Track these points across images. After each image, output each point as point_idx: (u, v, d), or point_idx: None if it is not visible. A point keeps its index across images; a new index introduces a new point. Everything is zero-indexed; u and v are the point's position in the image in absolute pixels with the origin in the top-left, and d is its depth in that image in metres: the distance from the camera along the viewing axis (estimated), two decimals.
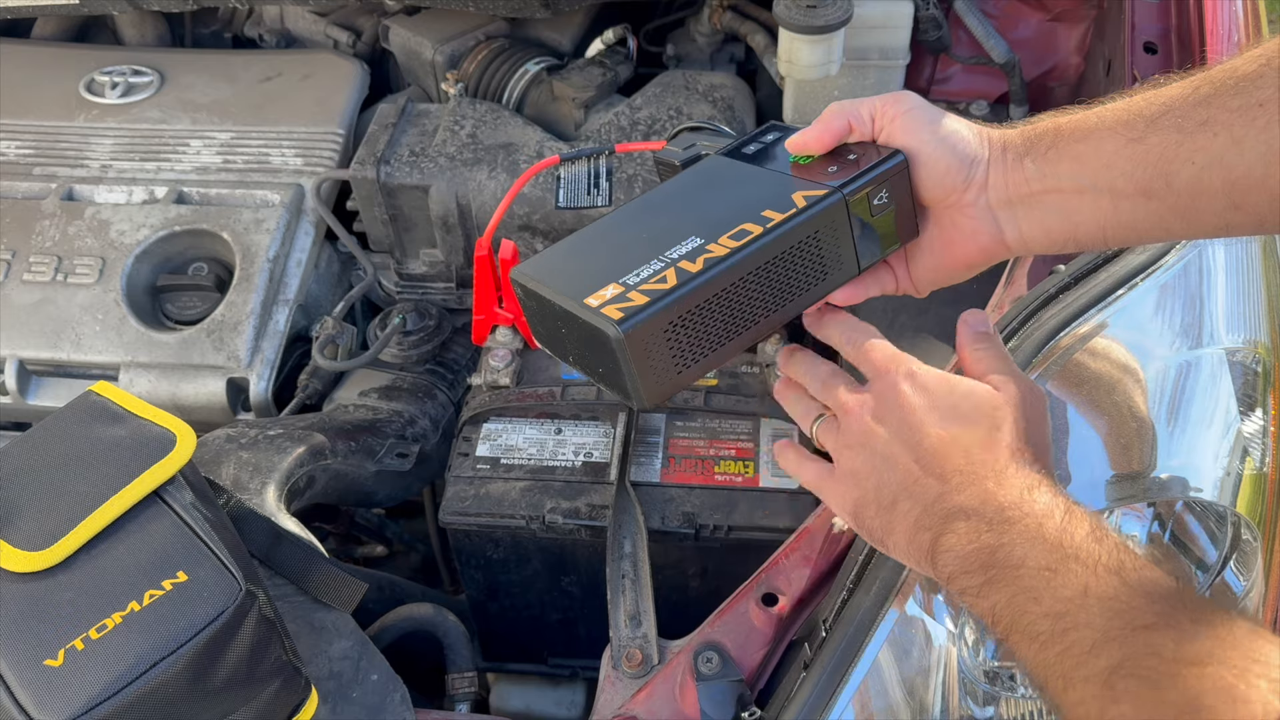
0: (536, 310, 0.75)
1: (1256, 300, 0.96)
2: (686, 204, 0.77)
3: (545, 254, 0.77)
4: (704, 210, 0.75)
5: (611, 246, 0.75)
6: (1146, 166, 0.65)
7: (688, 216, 0.75)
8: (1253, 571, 0.89)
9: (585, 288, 0.70)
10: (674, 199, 0.79)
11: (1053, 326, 0.89)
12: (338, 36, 1.64)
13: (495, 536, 1.11)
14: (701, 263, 0.69)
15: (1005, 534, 0.60)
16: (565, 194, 1.02)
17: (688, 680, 0.86)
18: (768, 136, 0.80)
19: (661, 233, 0.73)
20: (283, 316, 1.31)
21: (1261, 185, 0.61)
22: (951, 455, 0.66)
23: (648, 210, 0.78)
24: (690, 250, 0.71)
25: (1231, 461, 0.87)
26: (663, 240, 0.72)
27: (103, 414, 0.87)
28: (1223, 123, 0.61)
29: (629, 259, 0.72)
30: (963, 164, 0.70)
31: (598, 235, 0.77)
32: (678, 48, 1.61)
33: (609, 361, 0.68)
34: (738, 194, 0.76)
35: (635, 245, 0.73)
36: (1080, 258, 0.94)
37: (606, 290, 0.70)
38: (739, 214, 0.72)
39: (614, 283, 0.70)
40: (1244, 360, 0.91)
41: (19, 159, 1.45)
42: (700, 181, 0.79)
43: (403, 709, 0.89)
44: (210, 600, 0.76)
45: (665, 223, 0.75)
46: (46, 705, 0.70)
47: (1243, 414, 0.89)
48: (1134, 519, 0.90)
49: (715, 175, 0.79)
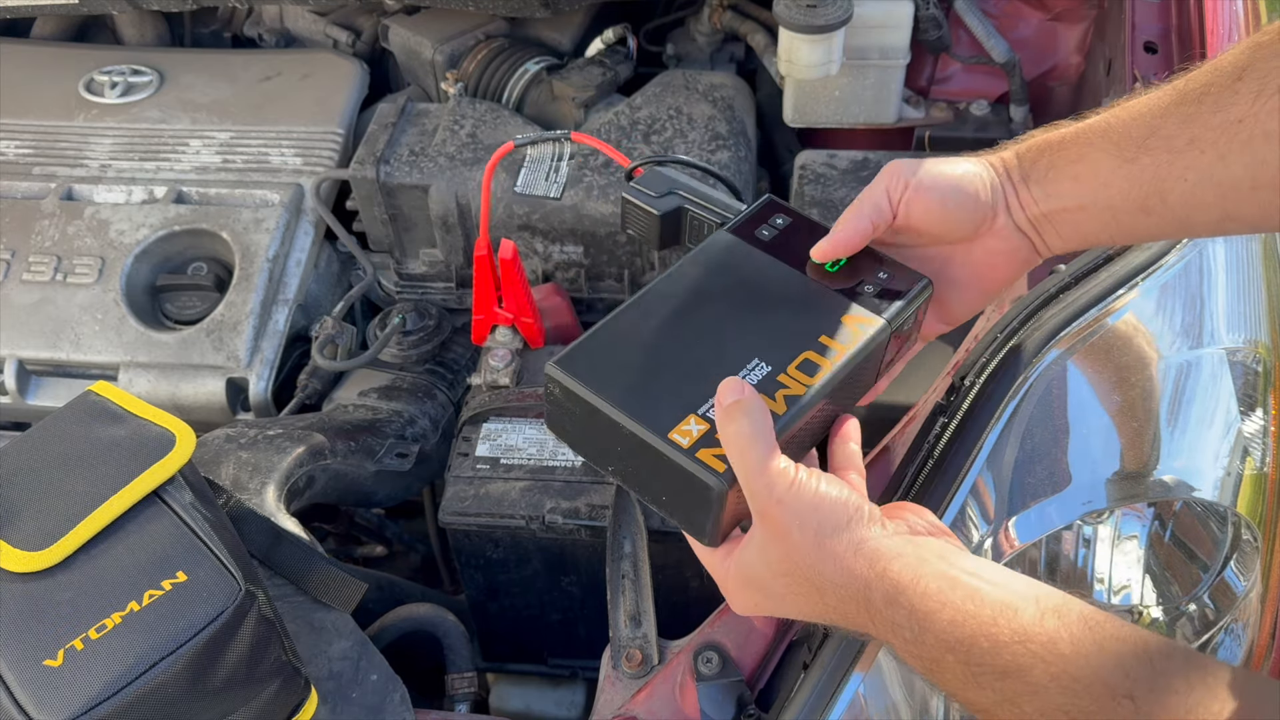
0: (574, 413, 0.70)
1: (1256, 300, 0.96)
2: (733, 309, 0.75)
3: (582, 348, 0.71)
4: (758, 324, 0.73)
5: (665, 354, 0.71)
6: (1142, 185, 0.68)
7: (743, 330, 0.73)
8: (1253, 571, 0.89)
9: (660, 415, 0.67)
10: (714, 295, 0.75)
11: (1053, 326, 0.89)
12: (337, 36, 1.64)
13: (495, 536, 1.11)
14: (783, 401, 0.69)
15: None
16: (524, 179, 1.00)
17: (688, 680, 0.86)
18: (778, 221, 0.79)
19: (721, 348, 0.71)
20: (282, 316, 1.31)
21: (1251, 197, 0.64)
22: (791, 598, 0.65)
23: (685, 306, 0.74)
24: (764, 379, 0.70)
25: (1232, 461, 0.87)
26: (728, 360, 0.70)
27: (102, 414, 0.87)
28: (1208, 141, 0.64)
29: (696, 381, 0.69)
30: (984, 197, 0.73)
31: (640, 331, 0.73)
32: (678, 47, 1.61)
33: (689, 502, 0.67)
34: (787, 309, 0.75)
35: (696, 361, 0.70)
36: (1080, 257, 0.94)
37: (690, 425, 0.67)
38: (797, 338, 0.72)
39: (694, 414, 0.67)
40: (1244, 360, 0.91)
41: (18, 159, 1.45)
42: (731, 277, 0.76)
43: (402, 709, 0.89)
44: (210, 600, 0.76)
45: (718, 333, 0.73)
46: (46, 705, 0.70)
47: (1243, 414, 0.89)
48: (1135, 519, 0.90)
49: (746, 272, 0.77)
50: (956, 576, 0.59)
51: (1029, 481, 0.83)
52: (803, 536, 0.62)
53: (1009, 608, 0.57)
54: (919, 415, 0.93)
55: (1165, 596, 0.92)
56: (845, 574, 0.61)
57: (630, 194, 0.84)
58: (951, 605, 0.58)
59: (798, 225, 0.79)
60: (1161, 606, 0.92)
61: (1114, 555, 0.91)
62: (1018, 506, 0.83)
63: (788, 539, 0.63)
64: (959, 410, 0.86)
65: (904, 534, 0.63)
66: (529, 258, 1.35)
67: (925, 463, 0.86)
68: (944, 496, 0.83)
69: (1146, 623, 0.92)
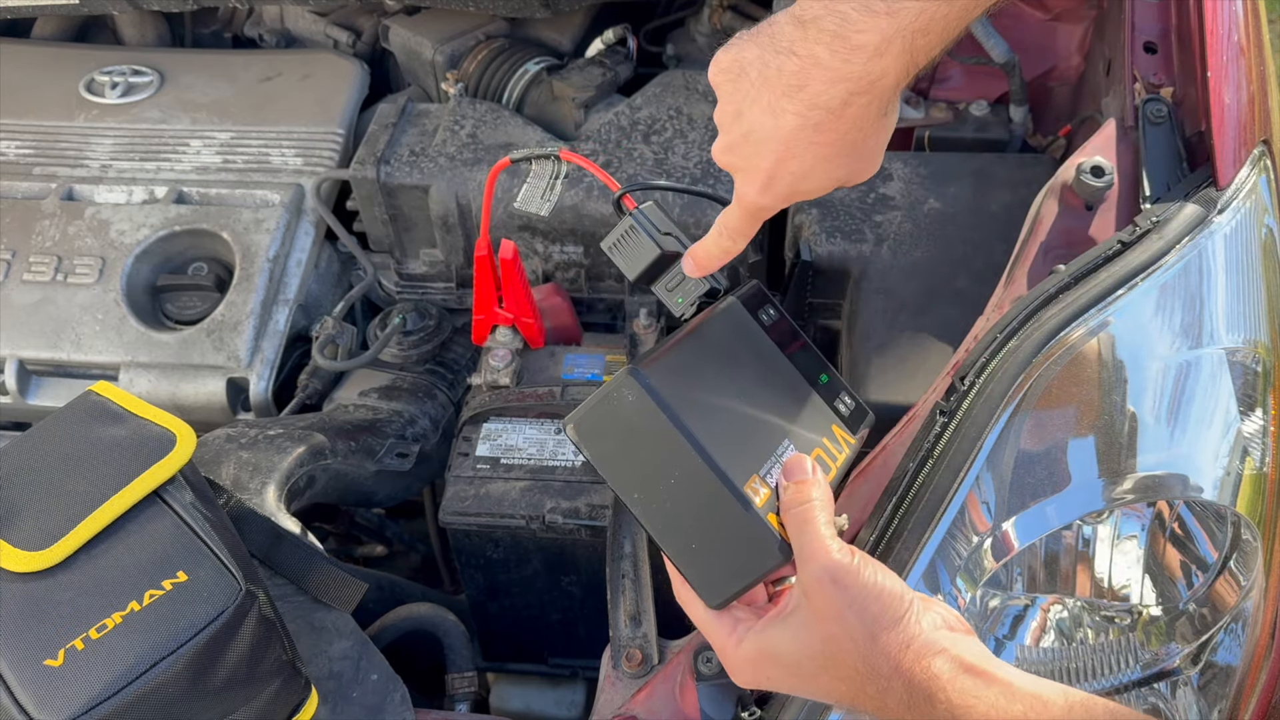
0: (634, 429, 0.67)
1: (1256, 300, 0.96)
2: (760, 383, 0.79)
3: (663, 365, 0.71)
4: (781, 405, 0.78)
5: (726, 405, 0.73)
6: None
7: (771, 406, 0.77)
8: (1253, 571, 0.89)
9: (731, 464, 0.67)
10: (745, 362, 0.79)
11: (1053, 326, 0.89)
12: (338, 36, 1.64)
13: (495, 536, 1.11)
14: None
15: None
16: (524, 194, 1.01)
17: (688, 680, 0.86)
18: (770, 311, 0.85)
19: (761, 417, 0.75)
20: (283, 316, 1.31)
21: None
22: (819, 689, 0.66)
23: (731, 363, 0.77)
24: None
25: (1231, 461, 0.87)
26: (768, 431, 0.74)
27: (102, 414, 0.87)
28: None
29: (753, 441, 0.72)
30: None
31: (702, 371, 0.75)
32: (678, 48, 1.61)
33: (727, 560, 0.67)
34: (798, 399, 0.80)
35: (749, 421, 0.74)
36: (1080, 257, 0.94)
37: (756, 484, 0.68)
38: (811, 432, 0.78)
39: (756, 474, 0.68)
40: (1244, 360, 0.91)
41: (19, 159, 1.45)
42: (751, 351, 0.81)
43: (402, 709, 0.89)
44: (210, 600, 0.76)
45: (759, 403, 0.76)
46: (47, 705, 0.71)
47: (1243, 414, 0.89)
48: (1134, 519, 0.90)
49: (760, 350, 0.81)
50: (993, 673, 0.60)
51: (1029, 481, 0.83)
52: (859, 625, 0.61)
53: (1039, 700, 0.59)
54: (919, 415, 0.93)
55: (1165, 596, 0.92)
56: (895, 669, 0.61)
57: (639, 221, 0.84)
58: (986, 701, 0.59)
59: (782, 324, 0.85)
60: (1161, 606, 0.92)
61: (1114, 555, 0.91)
62: (1018, 506, 0.83)
63: (839, 624, 0.62)
64: (959, 410, 0.86)
65: (943, 629, 0.63)
66: (529, 258, 1.35)
67: (925, 463, 0.86)
68: (944, 496, 0.83)
69: (1147, 623, 0.92)
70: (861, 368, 1.11)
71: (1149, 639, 0.91)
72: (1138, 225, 0.94)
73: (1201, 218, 0.94)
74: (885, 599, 0.62)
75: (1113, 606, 0.92)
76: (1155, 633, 0.91)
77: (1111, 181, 1.01)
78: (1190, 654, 0.90)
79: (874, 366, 1.10)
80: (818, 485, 0.66)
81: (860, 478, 0.92)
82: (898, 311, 1.15)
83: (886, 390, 1.09)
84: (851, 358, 1.13)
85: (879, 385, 1.09)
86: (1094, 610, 0.92)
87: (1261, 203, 0.99)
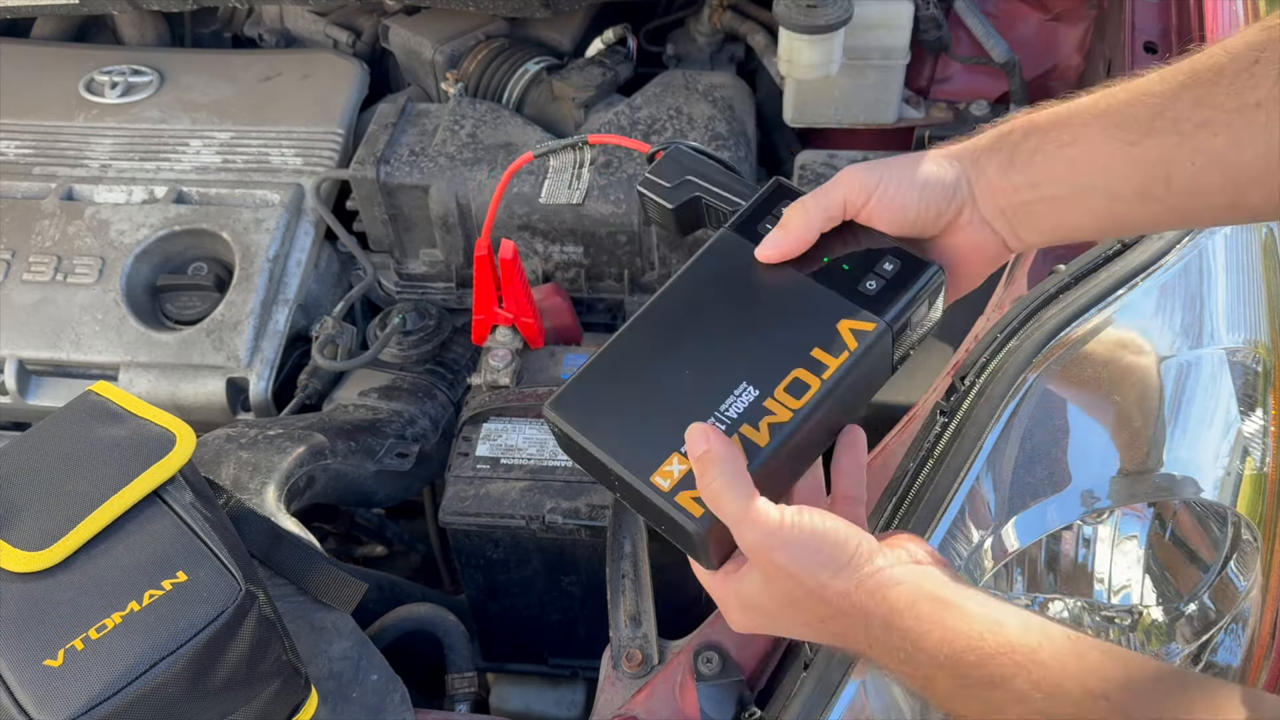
0: (572, 449, 0.71)
1: (1256, 300, 0.96)
2: (724, 325, 0.72)
3: (576, 386, 0.71)
4: (751, 341, 0.70)
5: (654, 386, 0.70)
6: (1145, 170, 0.64)
7: (731, 350, 0.70)
8: (1253, 571, 0.89)
9: (644, 456, 0.66)
10: (709, 311, 0.73)
11: (1053, 326, 0.89)
12: (337, 36, 1.64)
13: (495, 536, 1.11)
14: (766, 430, 0.66)
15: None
16: (549, 187, 1.01)
17: (688, 680, 0.86)
18: (778, 208, 0.75)
19: (709, 375, 0.69)
20: (282, 316, 1.31)
21: (1260, 182, 0.61)
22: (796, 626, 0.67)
23: (679, 326, 0.72)
24: (748, 408, 0.67)
25: (1231, 461, 0.87)
26: (714, 388, 0.68)
27: (102, 414, 0.87)
28: (1222, 123, 0.61)
29: (682, 415, 0.67)
30: (945, 196, 0.69)
31: (634, 359, 0.72)
32: (678, 47, 1.61)
33: (680, 537, 0.67)
34: (783, 319, 0.71)
35: (682, 392, 0.69)
36: (1080, 257, 0.94)
37: (672, 465, 0.66)
38: (787, 354, 0.69)
39: (676, 453, 0.66)
40: (1244, 360, 0.91)
41: (19, 159, 1.44)
42: (729, 287, 0.74)
43: (402, 709, 0.89)
44: (210, 600, 0.76)
45: (708, 357, 0.70)
46: (46, 705, 0.70)
47: (1243, 414, 0.89)
48: (1135, 519, 0.90)
49: (745, 278, 0.73)
50: (949, 599, 0.60)
51: (1029, 481, 0.83)
52: (804, 575, 0.62)
53: (995, 623, 0.59)
54: (919, 415, 0.93)
55: (1165, 596, 0.92)
56: (851, 606, 0.62)
57: (645, 188, 0.82)
58: (942, 625, 0.60)
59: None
60: (1161, 606, 0.92)
61: (1114, 555, 0.91)
62: (1018, 506, 0.83)
63: (785, 579, 0.63)
64: (959, 410, 0.86)
65: (905, 563, 0.63)
66: (529, 258, 1.35)
67: (925, 463, 0.86)
68: (944, 496, 0.83)
69: (1147, 623, 0.92)
70: None
71: (1149, 639, 0.91)
72: None
73: None
74: (827, 547, 0.62)
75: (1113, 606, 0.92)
76: (1155, 633, 0.91)
77: None
78: (1190, 654, 0.90)
79: None
80: (716, 456, 0.63)
81: None
82: None
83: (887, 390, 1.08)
84: None
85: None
86: (1094, 610, 0.92)
87: None
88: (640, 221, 1.29)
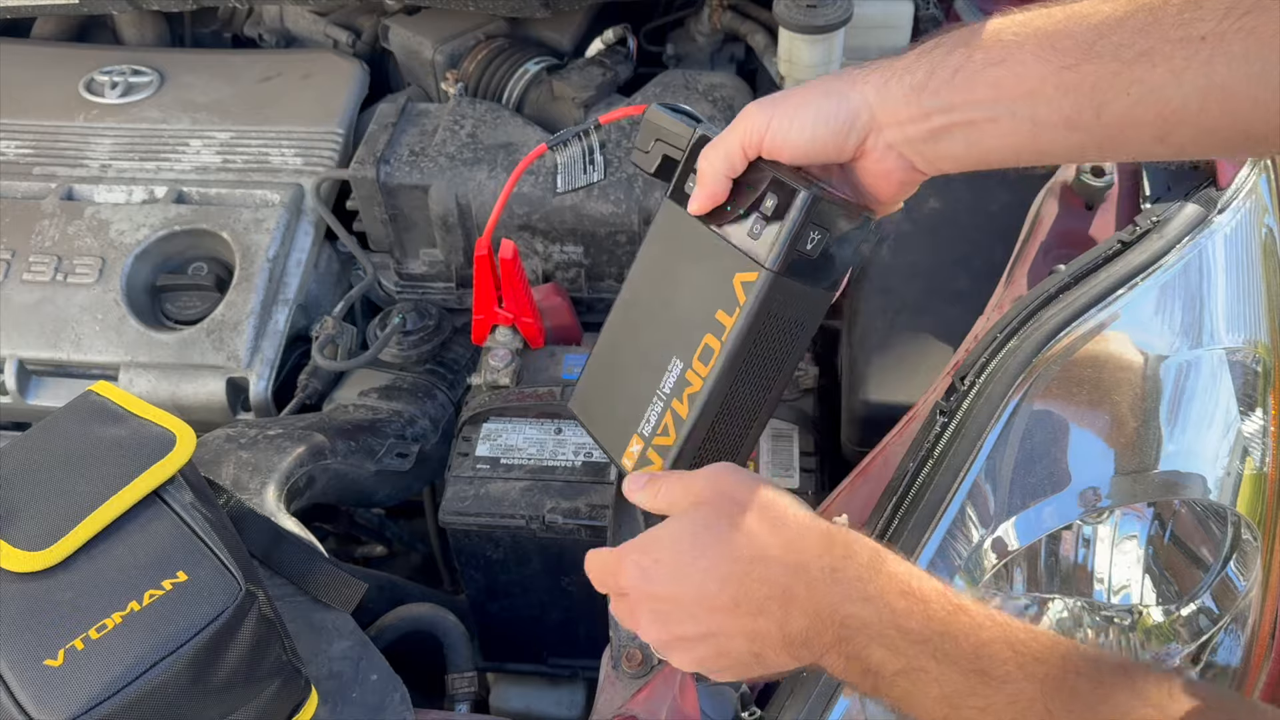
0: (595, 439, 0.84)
1: (1256, 300, 0.96)
2: (665, 298, 0.76)
3: (585, 380, 0.84)
4: (672, 314, 0.74)
5: (622, 371, 0.79)
6: (1077, 98, 0.61)
7: (663, 325, 0.75)
8: (1252, 571, 0.89)
9: (619, 440, 0.78)
10: (657, 285, 0.78)
11: (1053, 326, 0.89)
12: (337, 36, 1.64)
13: (495, 536, 1.11)
14: (686, 403, 0.71)
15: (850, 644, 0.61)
16: (563, 178, 1.02)
17: (688, 680, 0.86)
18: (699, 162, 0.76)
19: (651, 354, 0.76)
20: (282, 316, 1.31)
21: (1194, 120, 0.59)
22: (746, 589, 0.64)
23: (640, 306, 0.80)
24: (675, 383, 0.73)
25: (1231, 461, 0.87)
26: (653, 367, 0.75)
27: (102, 414, 0.87)
28: (1163, 54, 0.58)
29: (638, 398, 0.76)
30: (841, 127, 0.68)
31: (611, 349, 0.81)
32: (678, 47, 1.61)
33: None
34: (690, 286, 0.73)
35: (638, 375, 0.77)
36: (1080, 257, 0.94)
37: (634, 446, 0.77)
38: (698, 321, 0.71)
39: (635, 434, 0.77)
40: (1244, 360, 0.91)
41: (19, 159, 1.44)
42: (668, 258, 0.77)
43: (403, 709, 0.89)
44: (210, 600, 0.76)
45: (651, 336, 0.76)
46: (47, 705, 0.71)
47: (1243, 414, 0.89)
48: (1135, 519, 0.90)
49: (671, 244, 0.77)
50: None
51: (1029, 481, 0.83)
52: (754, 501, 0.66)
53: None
54: (919, 415, 0.93)
55: (1165, 596, 0.92)
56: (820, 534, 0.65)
57: (634, 159, 0.82)
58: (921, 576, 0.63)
59: None
60: (1161, 606, 0.92)
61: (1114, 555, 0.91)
62: (1018, 506, 0.83)
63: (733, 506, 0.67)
64: (959, 410, 0.86)
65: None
66: (529, 258, 1.35)
67: (925, 463, 0.86)
68: (944, 496, 0.83)
69: (1147, 623, 0.92)
70: (861, 368, 1.11)
71: (1149, 639, 0.91)
72: (1138, 225, 0.94)
73: (1201, 217, 0.94)
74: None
75: (1112, 606, 0.92)
76: (1155, 633, 0.91)
77: (1111, 181, 1.01)
78: (1190, 654, 0.90)
79: (874, 366, 1.10)
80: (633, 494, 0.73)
81: (860, 478, 0.93)
82: (898, 311, 1.15)
83: (886, 390, 1.09)
84: (851, 357, 1.13)
85: (879, 385, 1.09)
86: (1094, 610, 0.92)
87: (1261, 202, 0.99)
88: (640, 221, 1.29)
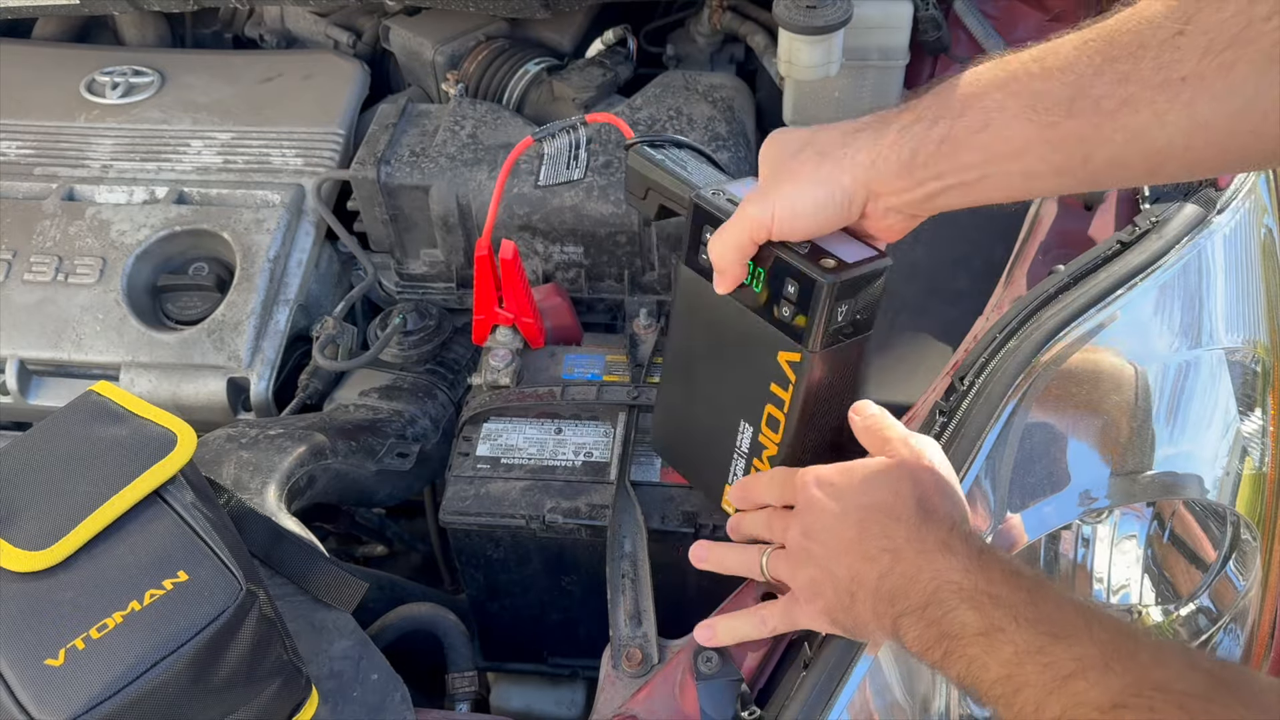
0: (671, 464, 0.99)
1: (1256, 300, 0.96)
2: (714, 364, 0.87)
3: (659, 427, 1.00)
4: (731, 379, 0.86)
5: (696, 427, 0.93)
6: (1065, 151, 0.63)
7: (722, 388, 0.87)
8: (1252, 571, 0.89)
9: (712, 487, 0.94)
10: (700, 351, 0.89)
11: (1053, 326, 0.89)
12: (338, 37, 1.64)
13: (495, 536, 1.11)
14: (768, 462, 0.85)
15: (938, 609, 0.64)
16: (546, 171, 1.04)
17: (688, 680, 0.86)
18: (704, 234, 0.83)
19: (719, 413, 0.88)
20: (283, 316, 1.31)
21: (1180, 156, 0.60)
22: (871, 535, 0.70)
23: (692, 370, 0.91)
24: (750, 445, 0.87)
25: (1231, 461, 0.87)
26: (725, 429, 0.88)
27: (103, 414, 0.87)
28: (1145, 100, 0.59)
29: (718, 453, 0.90)
30: (841, 209, 0.72)
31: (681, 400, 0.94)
32: (678, 48, 1.61)
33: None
34: (737, 355, 0.84)
35: (710, 433, 0.90)
36: (1080, 258, 0.94)
37: (729, 494, 0.90)
38: (754, 393, 0.83)
39: (726, 484, 0.91)
40: (1244, 360, 0.92)
41: (19, 159, 1.45)
42: (702, 324, 0.87)
43: (403, 708, 0.89)
44: (211, 600, 0.76)
45: (713, 395, 0.88)
46: (47, 704, 0.71)
47: (1242, 414, 0.89)
48: (1134, 519, 0.91)
49: (707, 314, 0.85)
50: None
51: (1029, 481, 0.83)
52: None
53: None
54: (919, 415, 0.93)
55: (1165, 596, 0.92)
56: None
57: (627, 200, 0.91)
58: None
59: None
60: (1161, 606, 0.92)
61: (1113, 555, 0.91)
62: (1018, 506, 0.83)
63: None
64: (958, 410, 0.86)
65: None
66: (529, 258, 1.35)
67: None
68: None
69: (1147, 623, 0.92)
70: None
71: None
72: (1137, 225, 0.94)
73: (1201, 218, 0.94)
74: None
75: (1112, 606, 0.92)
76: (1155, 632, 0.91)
77: None
78: None
79: (874, 366, 1.10)
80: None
81: None
82: (898, 311, 1.15)
83: (886, 390, 1.09)
84: None
85: (879, 385, 1.09)
86: None
87: (1261, 203, 0.99)
88: (640, 221, 1.29)
